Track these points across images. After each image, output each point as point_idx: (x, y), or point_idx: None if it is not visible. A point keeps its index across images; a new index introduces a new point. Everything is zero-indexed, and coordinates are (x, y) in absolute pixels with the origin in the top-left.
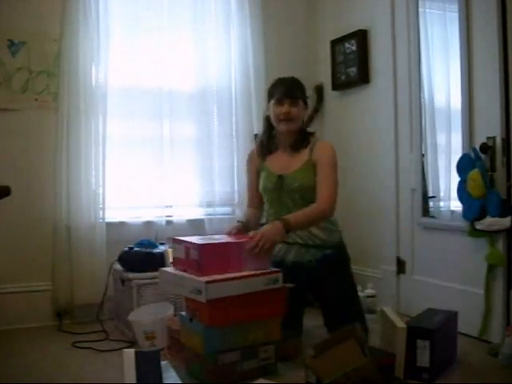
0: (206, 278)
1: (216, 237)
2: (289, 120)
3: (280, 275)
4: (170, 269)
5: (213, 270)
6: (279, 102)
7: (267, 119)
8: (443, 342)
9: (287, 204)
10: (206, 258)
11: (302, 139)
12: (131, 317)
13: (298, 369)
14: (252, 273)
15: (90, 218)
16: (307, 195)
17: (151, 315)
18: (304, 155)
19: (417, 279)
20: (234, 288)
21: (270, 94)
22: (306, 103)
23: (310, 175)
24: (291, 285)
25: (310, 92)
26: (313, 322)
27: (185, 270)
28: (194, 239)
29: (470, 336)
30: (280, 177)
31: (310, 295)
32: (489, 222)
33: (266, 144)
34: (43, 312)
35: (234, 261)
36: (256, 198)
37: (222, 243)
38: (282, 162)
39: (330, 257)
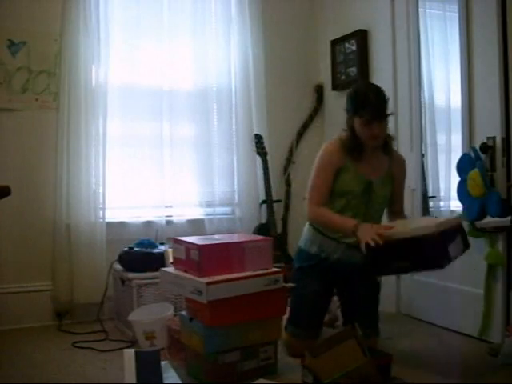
0: (206, 279)
1: (216, 237)
2: (378, 138)
3: (280, 275)
4: (170, 269)
5: (213, 270)
6: (368, 123)
7: (350, 128)
8: None
9: (369, 210)
10: (206, 258)
11: (387, 143)
12: (131, 317)
13: (298, 369)
14: (253, 273)
15: (90, 218)
16: (383, 205)
17: (151, 315)
18: (384, 162)
19: (417, 279)
20: (235, 289)
21: (355, 109)
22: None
23: (390, 186)
24: (292, 285)
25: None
26: None
27: (185, 271)
28: (195, 239)
29: (470, 336)
30: (368, 182)
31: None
32: (488, 222)
33: (354, 145)
34: (43, 312)
35: (235, 261)
36: (328, 197)
37: (223, 244)
38: (369, 164)
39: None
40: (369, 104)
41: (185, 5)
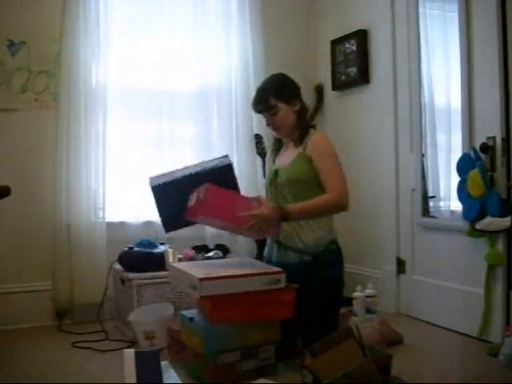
0: (201, 275)
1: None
2: (276, 129)
3: (283, 276)
4: (177, 264)
5: (212, 209)
6: (262, 116)
7: None
8: None
9: (278, 200)
10: (210, 197)
11: (301, 136)
12: (131, 317)
13: (298, 369)
14: (251, 272)
15: (90, 218)
16: (295, 190)
17: (151, 315)
18: (298, 148)
19: (417, 279)
20: (230, 286)
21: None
22: (291, 100)
23: (300, 168)
24: (295, 285)
25: (304, 89)
26: None
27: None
28: None
29: (470, 336)
30: (276, 171)
31: None
32: (488, 222)
33: (275, 140)
34: (43, 312)
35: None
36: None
37: (230, 192)
38: (282, 157)
39: (307, 265)
40: (254, 97)
41: (185, 5)
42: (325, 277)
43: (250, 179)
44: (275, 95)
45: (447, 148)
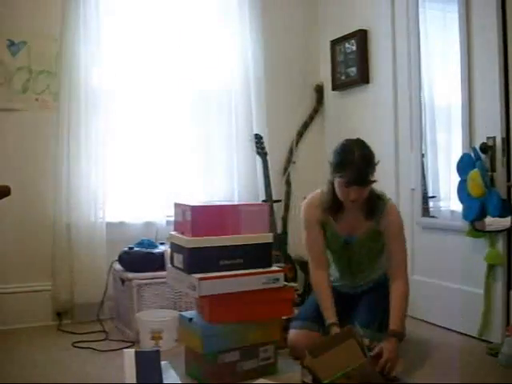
0: (199, 275)
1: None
2: (357, 200)
3: (280, 274)
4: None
5: (205, 231)
6: (347, 186)
7: (331, 183)
8: None
9: (351, 267)
10: (198, 219)
11: (372, 208)
12: (139, 315)
13: (298, 369)
14: (249, 271)
15: (90, 218)
16: (371, 258)
17: (159, 316)
18: (370, 220)
19: (417, 279)
20: (229, 285)
21: (336, 167)
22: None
23: (376, 242)
24: (295, 284)
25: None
26: None
27: (182, 233)
28: (192, 202)
29: (470, 336)
30: (346, 241)
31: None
32: (488, 222)
33: (332, 204)
34: (43, 312)
35: (229, 223)
36: (325, 258)
37: (217, 206)
38: (348, 223)
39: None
40: (351, 166)
41: (185, 5)
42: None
43: (250, 179)
44: (372, 169)
45: (447, 148)
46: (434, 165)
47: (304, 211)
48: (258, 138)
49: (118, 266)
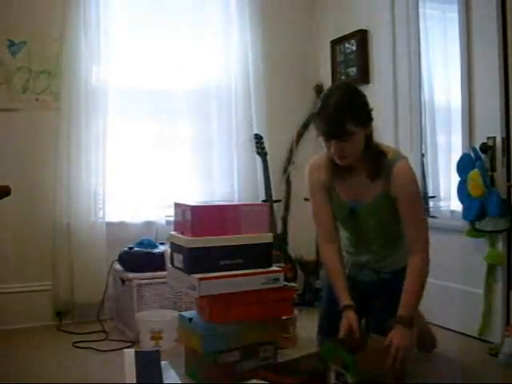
0: (199, 275)
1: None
2: (343, 157)
3: (280, 275)
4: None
5: (205, 231)
6: (326, 141)
7: None
8: None
9: (360, 238)
10: (198, 218)
11: (376, 167)
12: (139, 315)
13: None
14: (249, 271)
15: (90, 218)
16: (384, 230)
17: (159, 317)
18: (378, 183)
19: None
20: (229, 285)
21: (312, 120)
22: (367, 122)
23: (386, 209)
24: (295, 284)
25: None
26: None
27: (182, 233)
28: (193, 202)
29: (470, 336)
30: (351, 210)
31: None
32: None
33: (331, 165)
34: (43, 312)
35: (229, 223)
36: (333, 227)
37: (217, 206)
38: (353, 189)
39: (383, 280)
40: (322, 116)
41: (185, 4)
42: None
43: (250, 179)
44: (353, 119)
45: (447, 148)
46: (434, 165)
47: (307, 174)
48: (258, 138)
49: (118, 266)
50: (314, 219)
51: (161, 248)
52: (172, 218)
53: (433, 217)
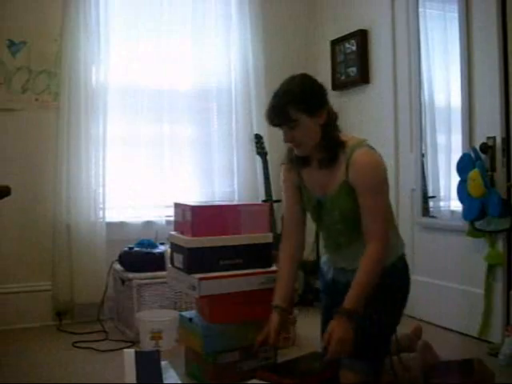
0: (199, 275)
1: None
2: (297, 146)
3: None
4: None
5: (205, 231)
6: (271, 125)
7: None
8: None
9: (329, 231)
10: (198, 219)
11: (330, 155)
12: (139, 315)
13: None
14: (249, 271)
15: (90, 218)
16: (348, 224)
17: (159, 316)
18: (340, 172)
19: (417, 279)
20: (229, 285)
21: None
22: (315, 111)
23: (349, 200)
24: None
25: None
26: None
27: (182, 233)
28: (193, 202)
29: (470, 336)
30: (318, 202)
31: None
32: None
33: (291, 156)
34: (43, 312)
35: (229, 223)
36: (294, 222)
37: (217, 206)
38: (318, 180)
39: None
40: (269, 105)
41: (185, 5)
42: (379, 296)
43: (250, 179)
44: (296, 106)
45: (447, 148)
46: (434, 165)
47: (282, 174)
48: (258, 138)
49: (118, 266)
50: (284, 213)
51: (161, 248)
52: (172, 218)
53: (433, 217)
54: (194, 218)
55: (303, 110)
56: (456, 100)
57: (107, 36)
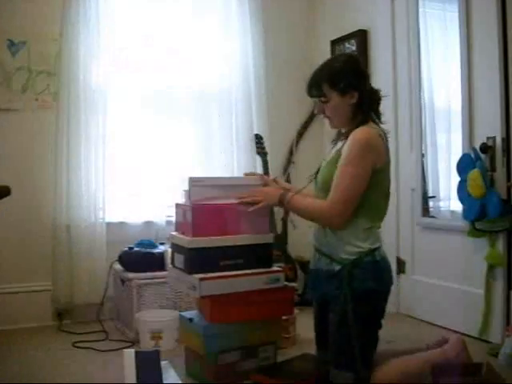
0: (200, 275)
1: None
2: (328, 119)
3: (281, 274)
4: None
5: (206, 231)
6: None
7: None
8: None
9: (317, 195)
10: (199, 219)
11: (349, 133)
12: (139, 315)
13: None
14: (250, 271)
15: (90, 218)
16: (326, 188)
17: (159, 316)
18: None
19: (417, 279)
20: (230, 286)
21: None
22: (345, 91)
23: (332, 169)
24: (294, 284)
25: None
26: None
27: (183, 233)
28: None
29: (470, 336)
30: (319, 168)
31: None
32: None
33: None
34: (43, 312)
35: (230, 223)
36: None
37: (217, 206)
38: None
39: (335, 275)
40: (310, 76)
41: (185, 5)
42: (348, 293)
43: None
44: (328, 83)
45: (447, 148)
46: (434, 165)
47: None
48: (258, 138)
49: (118, 267)
50: None
51: (161, 248)
52: (172, 218)
53: (433, 217)
54: (194, 218)
55: (335, 89)
56: (456, 100)
57: (107, 36)
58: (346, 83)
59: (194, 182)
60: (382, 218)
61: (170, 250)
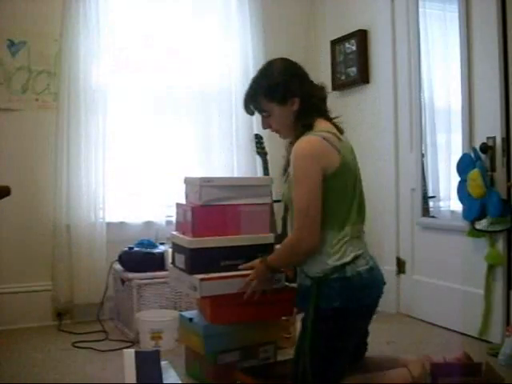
0: (200, 276)
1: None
2: (276, 132)
3: (282, 275)
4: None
5: (206, 231)
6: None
7: None
8: None
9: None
10: (199, 219)
11: (295, 141)
12: (139, 315)
13: None
14: (249, 272)
15: (90, 218)
16: (290, 208)
17: (159, 317)
18: None
19: (417, 279)
20: (230, 286)
21: None
22: (285, 100)
23: (291, 188)
24: (294, 285)
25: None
26: None
27: (184, 233)
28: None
29: (470, 336)
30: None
31: None
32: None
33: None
34: (43, 312)
35: (230, 224)
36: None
37: (217, 206)
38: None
39: (308, 290)
40: (244, 94)
41: (185, 5)
42: (313, 310)
43: None
44: (265, 96)
45: (447, 148)
46: (434, 165)
47: None
48: (258, 138)
49: (118, 267)
50: None
51: (161, 248)
52: (172, 218)
53: (433, 217)
54: (195, 218)
55: (273, 101)
56: (456, 100)
57: (107, 36)
58: (282, 92)
59: (203, 183)
60: (354, 223)
61: (170, 250)
